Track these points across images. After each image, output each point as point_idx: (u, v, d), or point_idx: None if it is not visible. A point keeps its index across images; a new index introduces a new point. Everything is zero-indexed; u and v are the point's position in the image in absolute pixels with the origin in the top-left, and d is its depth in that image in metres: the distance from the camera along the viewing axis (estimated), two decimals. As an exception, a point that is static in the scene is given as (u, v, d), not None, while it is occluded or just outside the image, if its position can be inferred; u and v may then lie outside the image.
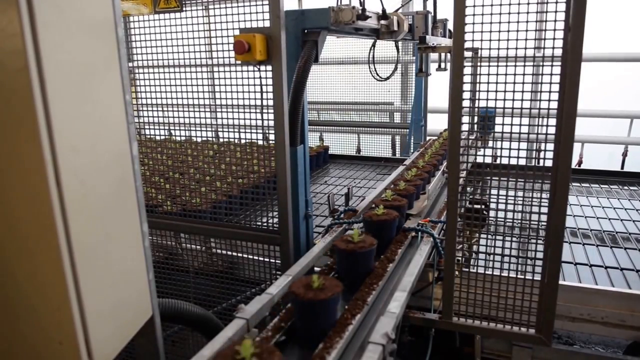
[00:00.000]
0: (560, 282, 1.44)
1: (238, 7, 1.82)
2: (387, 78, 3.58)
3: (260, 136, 1.97)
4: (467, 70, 1.26)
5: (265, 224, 1.99)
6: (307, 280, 1.17)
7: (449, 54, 3.51)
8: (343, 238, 1.46)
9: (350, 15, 1.84)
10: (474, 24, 1.22)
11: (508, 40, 1.20)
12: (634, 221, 2.60)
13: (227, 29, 1.85)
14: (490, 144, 1.48)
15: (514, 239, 1.39)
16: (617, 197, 3.08)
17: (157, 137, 2.47)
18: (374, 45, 3.24)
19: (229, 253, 2.17)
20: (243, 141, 2.24)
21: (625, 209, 2.80)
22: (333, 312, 1.15)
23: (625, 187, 3.28)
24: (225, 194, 2.32)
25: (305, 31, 1.84)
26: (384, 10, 2.22)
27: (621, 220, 2.62)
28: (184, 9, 1.99)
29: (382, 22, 2.25)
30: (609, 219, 2.63)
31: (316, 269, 1.60)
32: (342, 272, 1.44)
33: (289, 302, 1.27)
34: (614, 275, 1.97)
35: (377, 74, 3.32)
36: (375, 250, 1.43)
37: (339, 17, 1.83)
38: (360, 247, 1.39)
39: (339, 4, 2.11)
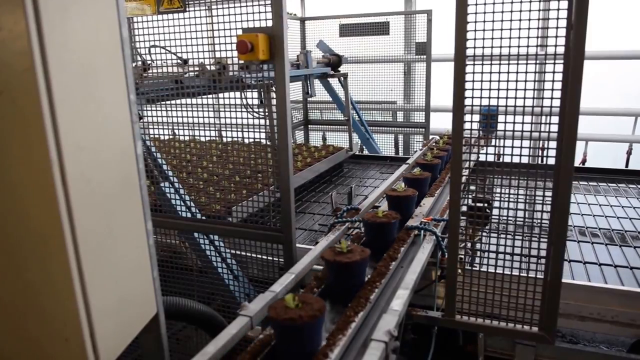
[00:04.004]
0: (565, 280, 1.44)
1: (241, 7, 1.82)
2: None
3: (263, 135, 1.97)
4: (469, 68, 1.26)
5: (268, 223, 1.99)
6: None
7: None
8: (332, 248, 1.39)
9: (136, 72, 1.81)
10: (475, 22, 1.22)
11: (510, 38, 1.20)
12: (640, 219, 2.59)
13: (230, 29, 1.86)
14: (493, 142, 1.48)
15: (517, 237, 1.39)
16: (623, 195, 3.07)
17: (161, 137, 2.48)
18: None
19: (233, 252, 2.18)
20: (247, 141, 2.25)
21: (634, 208, 2.79)
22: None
23: (632, 186, 3.27)
24: (230, 193, 2.33)
25: None
26: (180, 58, 2.03)
27: (630, 219, 2.61)
28: (187, 9, 2.00)
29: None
30: (618, 218, 2.63)
31: (318, 267, 1.61)
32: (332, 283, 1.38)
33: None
34: (623, 274, 1.96)
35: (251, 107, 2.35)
36: (367, 261, 1.37)
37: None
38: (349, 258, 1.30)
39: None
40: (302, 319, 1.01)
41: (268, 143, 2.00)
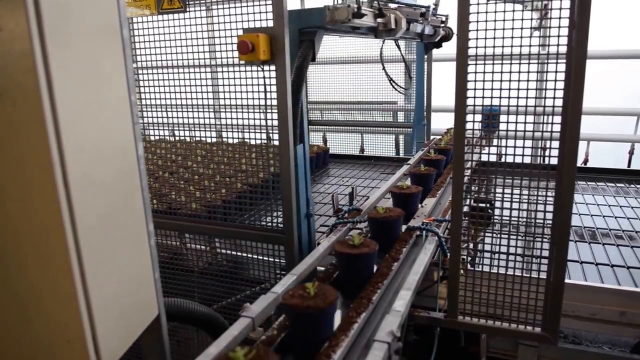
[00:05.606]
0: (567, 280, 1.43)
1: (241, 7, 1.82)
2: (407, 88, 3.64)
3: (264, 136, 1.97)
4: (471, 68, 1.26)
5: (269, 224, 1.99)
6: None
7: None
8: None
9: (345, 14, 1.83)
10: (477, 21, 1.21)
11: (512, 37, 1.19)
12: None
13: (231, 29, 1.86)
14: (495, 142, 1.47)
15: (519, 237, 1.38)
16: (626, 195, 3.06)
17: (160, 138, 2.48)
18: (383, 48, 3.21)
19: (234, 253, 2.18)
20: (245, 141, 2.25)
21: (642, 207, 2.79)
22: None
23: (632, 185, 3.26)
24: (229, 194, 2.33)
25: (302, 31, 1.85)
26: (380, 9, 2.18)
27: (638, 219, 2.60)
28: (187, 9, 2.00)
29: (379, 20, 2.23)
30: (627, 218, 2.61)
31: (320, 268, 1.61)
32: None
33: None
34: (636, 275, 1.95)
35: (393, 81, 3.33)
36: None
37: (334, 15, 1.82)
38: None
39: (335, 2, 2.06)
40: (363, 252, 1.39)
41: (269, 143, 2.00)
